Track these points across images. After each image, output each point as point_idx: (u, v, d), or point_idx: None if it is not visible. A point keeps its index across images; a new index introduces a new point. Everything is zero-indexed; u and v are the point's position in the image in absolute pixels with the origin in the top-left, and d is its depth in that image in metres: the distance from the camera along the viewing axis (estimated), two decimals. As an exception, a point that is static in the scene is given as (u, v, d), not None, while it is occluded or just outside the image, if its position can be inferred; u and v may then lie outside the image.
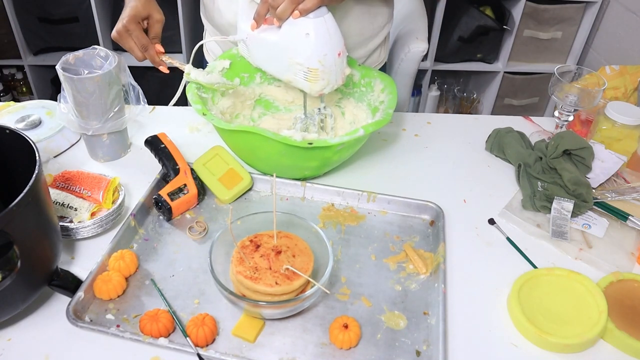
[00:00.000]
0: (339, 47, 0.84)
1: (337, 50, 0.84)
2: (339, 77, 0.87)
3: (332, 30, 0.82)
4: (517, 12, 2.17)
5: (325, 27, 0.81)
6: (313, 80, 0.85)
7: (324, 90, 0.86)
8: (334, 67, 0.84)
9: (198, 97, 0.90)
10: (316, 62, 0.82)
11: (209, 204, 0.89)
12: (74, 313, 0.68)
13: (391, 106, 0.91)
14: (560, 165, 0.92)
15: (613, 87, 1.29)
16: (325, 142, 0.82)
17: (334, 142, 0.82)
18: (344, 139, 0.83)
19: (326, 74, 0.84)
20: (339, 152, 0.87)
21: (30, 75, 2.35)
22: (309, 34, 0.80)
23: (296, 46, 0.82)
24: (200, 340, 0.66)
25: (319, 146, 0.82)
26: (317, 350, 0.67)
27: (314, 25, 0.80)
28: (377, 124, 0.86)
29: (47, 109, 1.05)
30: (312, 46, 0.81)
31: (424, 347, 0.68)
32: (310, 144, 0.81)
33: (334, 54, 0.83)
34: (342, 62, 0.85)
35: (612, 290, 0.75)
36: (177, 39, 2.24)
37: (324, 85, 0.86)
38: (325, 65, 0.83)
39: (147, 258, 0.79)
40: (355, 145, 0.91)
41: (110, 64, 0.89)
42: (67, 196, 0.83)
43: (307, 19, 0.80)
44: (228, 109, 1.00)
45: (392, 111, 0.89)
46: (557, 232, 0.85)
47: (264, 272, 0.68)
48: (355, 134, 0.83)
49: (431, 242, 0.84)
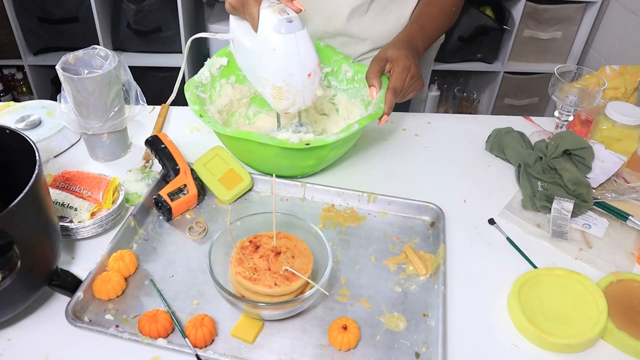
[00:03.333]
0: (310, 68, 0.79)
1: (308, 71, 0.79)
2: (307, 98, 0.82)
3: (303, 48, 0.76)
4: (517, 12, 2.17)
5: (294, 44, 0.76)
6: (277, 98, 0.81)
7: (288, 109, 0.83)
8: (301, 88, 0.79)
9: (196, 97, 0.90)
10: (281, 81, 0.78)
11: (209, 205, 0.89)
12: (73, 313, 0.68)
13: (382, 100, 0.90)
14: (560, 165, 0.92)
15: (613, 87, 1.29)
16: (321, 141, 0.82)
17: (330, 141, 0.82)
18: (339, 136, 0.82)
19: (291, 94, 0.80)
20: (335, 149, 0.87)
21: (30, 75, 2.35)
22: (275, 50, 0.76)
23: (264, 60, 0.79)
24: (199, 341, 0.66)
25: (316, 145, 0.82)
26: (316, 351, 0.67)
27: (282, 41, 0.75)
28: (370, 117, 0.86)
29: (47, 109, 1.05)
30: (278, 63, 0.77)
31: (424, 349, 0.68)
32: (308, 144, 0.81)
33: (303, 74, 0.78)
34: (311, 83, 0.81)
35: (612, 290, 0.75)
36: (177, 39, 2.24)
37: (288, 105, 0.82)
38: (290, 85, 0.78)
39: (146, 258, 0.79)
40: (350, 141, 0.91)
41: (110, 64, 0.89)
42: (67, 196, 0.83)
43: (277, 34, 0.75)
44: (225, 107, 1.00)
45: (383, 104, 0.89)
46: (557, 232, 0.85)
47: (263, 273, 0.68)
48: (350, 129, 0.83)
49: (431, 243, 0.84)
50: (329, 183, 0.92)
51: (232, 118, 1.03)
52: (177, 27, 2.20)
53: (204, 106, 0.91)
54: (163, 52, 2.31)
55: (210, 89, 0.97)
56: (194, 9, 2.41)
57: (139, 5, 2.13)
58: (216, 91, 0.99)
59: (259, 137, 0.81)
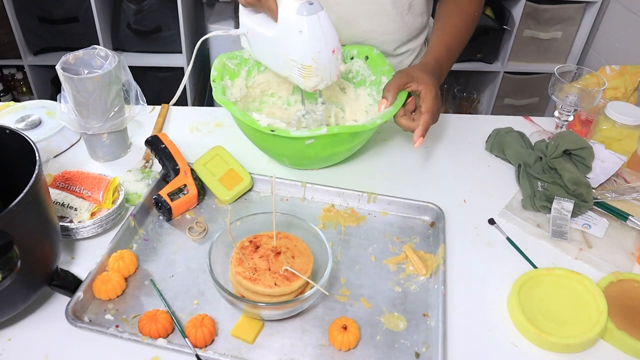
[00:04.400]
0: (333, 44, 0.84)
1: (331, 48, 0.84)
2: (333, 74, 0.87)
3: (325, 27, 0.82)
4: (517, 12, 2.17)
5: (318, 24, 0.81)
6: (307, 76, 0.85)
7: (317, 86, 0.87)
8: (328, 64, 0.84)
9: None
10: (310, 60, 0.83)
11: (209, 205, 0.89)
12: (72, 313, 0.68)
13: (392, 72, 0.92)
14: (560, 165, 0.92)
15: (613, 87, 1.29)
16: (373, 122, 0.84)
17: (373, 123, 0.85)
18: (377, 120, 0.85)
19: (320, 71, 0.84)
20: (366, 134, 0.91)
21: (30, 75, 2.35)
22: (302, 32, 0.80)
23: (290, 43, 0.83)
24: (199, 341, 0.66)
25: (366, 129, 0.84)
26: (316, 351, 0.67)
27: (307, 22, 0.80)
28: (402, 94, 0.89)
29: (47, 109, 1.05)
30: (306, 44, 0.82)
31: (424, 349, 0.68)
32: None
33: (328, 51, 0.83)
34: (336, 58, 0.86)
35: (612, 290, 0.75)
36: (177, 39, 2.24)
37: (318, 82, 0.86)
38: (319, 62, 0.83)
39: (146, 258, 0.79)
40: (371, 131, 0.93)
41: (110, 64, 0.89)
42: (67, 196, 0.83)
43: (301, 16, 0.80)
44: (242, 98, 1.02)
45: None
46: (557, 232, 0.85)
47: (263, 273, 0.68)
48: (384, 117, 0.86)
49: (431, 243, 0.84)
50: (329, 183, 0.92)
51: (251, 104, 1.05)
52: (177, 27, 2.20)
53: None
54: (163, 52, 2.31)
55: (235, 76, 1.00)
56: (194, 9, 2.41)
57: (139, 5, 2.13)
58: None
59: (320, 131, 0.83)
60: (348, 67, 1.04)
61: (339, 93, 1.07)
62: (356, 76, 1.04)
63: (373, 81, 1.01)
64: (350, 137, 0.87)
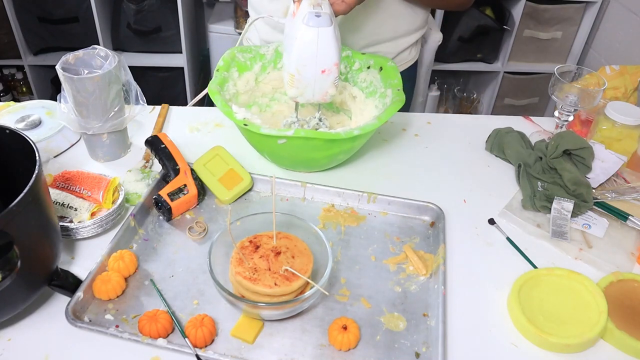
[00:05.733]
0: (325, 65, 0.81)
1: (322, 67, 0.81)
2: (317, 93, 0.85)
3: (322, 45, 0.79)
4: (517, 12, 2.17)
5: (314, 38, 0.79)
6: (289, 84, 0.85)
7: (296, 98, 0.86)
8: (312, 82, 0.82)
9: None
10: (293, 68, 0.82)
11: (209, 205, 0.89)
12: (72, 313, 0.68)
13: (398, 86, 0.92)
14: (560, 165, 0.92)
15: (613, 87, 1.29)
16: (348, 133, 0.82)
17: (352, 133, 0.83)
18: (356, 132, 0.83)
19: (301, 85, 0.83)
20: (361, 138, 0.89)
21: (30, 75, 2.35)
22: (297, 39, 0.79)
23: (287, 46, 0.83)
24: (199, 341, 0.66)
25: (339, 138, 0.83)
26: (316, 351, 0.67)
27: (304, 32, 0.79)
28: (390, 110, 0.87)
29: (47, 109, 1.05)
30: (296, 52, 0.81)
31: (424, 349, 0.68)
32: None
33: (316, 69, 0.81)
34: (324, 80, 0.83)
35: (612, 290, 0.75)
36: (177, 39, 2.24)
37: (297, 94, 0.85)
38: (301, 75, 0.82)
39: (146, 258, 0.79)
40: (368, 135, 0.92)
41: (110, 64, 0.89)
42: (67, 196, 0.83)
43: (302, 25, 0.78)
44: (244, 102, 1.02)
45: (399, 98, 0.90)
46: (557, 232, 0.85)
47: (263, 273, 0.68)
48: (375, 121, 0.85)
49: (431, 243, 0.84)
50: (329, 183, 0.92)
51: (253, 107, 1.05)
52: (177, 27, 2.20)
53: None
54: (163, 52, 2.31)
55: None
56: (194, 9, 2.41)
57: (139, 5, 2.13)
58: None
59: (319, 134, 0.82)
60: (364, 77, 1.02)
61: (349, 100, 1.06)
62: (369, 86, 1.02)
63: (382, 93, 0.99)
64: (325, 144, 0.85)
